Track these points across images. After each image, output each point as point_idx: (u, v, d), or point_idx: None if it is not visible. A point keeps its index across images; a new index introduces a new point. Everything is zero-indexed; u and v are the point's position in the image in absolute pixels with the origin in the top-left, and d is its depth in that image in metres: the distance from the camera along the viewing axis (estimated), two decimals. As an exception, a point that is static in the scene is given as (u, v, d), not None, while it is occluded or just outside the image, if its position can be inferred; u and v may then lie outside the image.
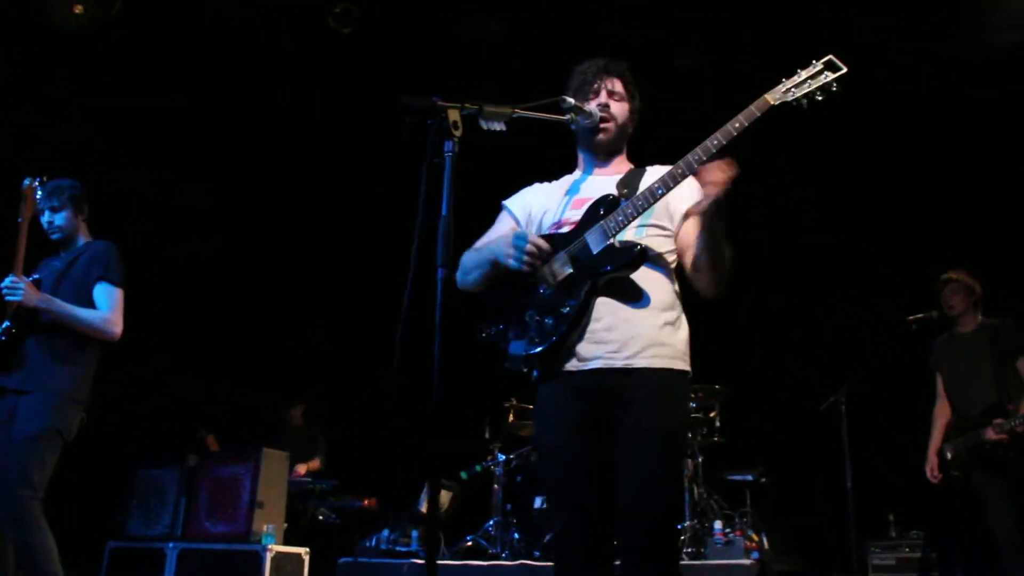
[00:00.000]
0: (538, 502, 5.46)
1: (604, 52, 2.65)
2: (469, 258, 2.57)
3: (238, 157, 6.73)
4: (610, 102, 2.56)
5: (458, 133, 1.93)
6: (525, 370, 2.43)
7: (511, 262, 2.37)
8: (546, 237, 2.46)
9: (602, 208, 2.41)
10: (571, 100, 2.42)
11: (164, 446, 5.86)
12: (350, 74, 6.29)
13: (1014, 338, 4.65)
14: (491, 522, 5.57)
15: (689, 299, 2.50)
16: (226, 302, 7.08)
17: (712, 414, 5.65)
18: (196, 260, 7.01)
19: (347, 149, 6.66)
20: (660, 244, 2.46)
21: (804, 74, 2.26)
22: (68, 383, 3.48)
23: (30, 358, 3.47)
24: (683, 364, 2.40)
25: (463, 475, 5.86)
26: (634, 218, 2.33)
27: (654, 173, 2.48)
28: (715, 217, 2.29)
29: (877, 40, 5.38)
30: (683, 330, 2.46)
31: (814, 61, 2.27)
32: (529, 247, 2.35)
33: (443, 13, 5.83)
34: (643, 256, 2.33)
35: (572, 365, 2.35)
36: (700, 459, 5.63)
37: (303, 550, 5.30)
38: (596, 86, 2.56)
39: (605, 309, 2.35)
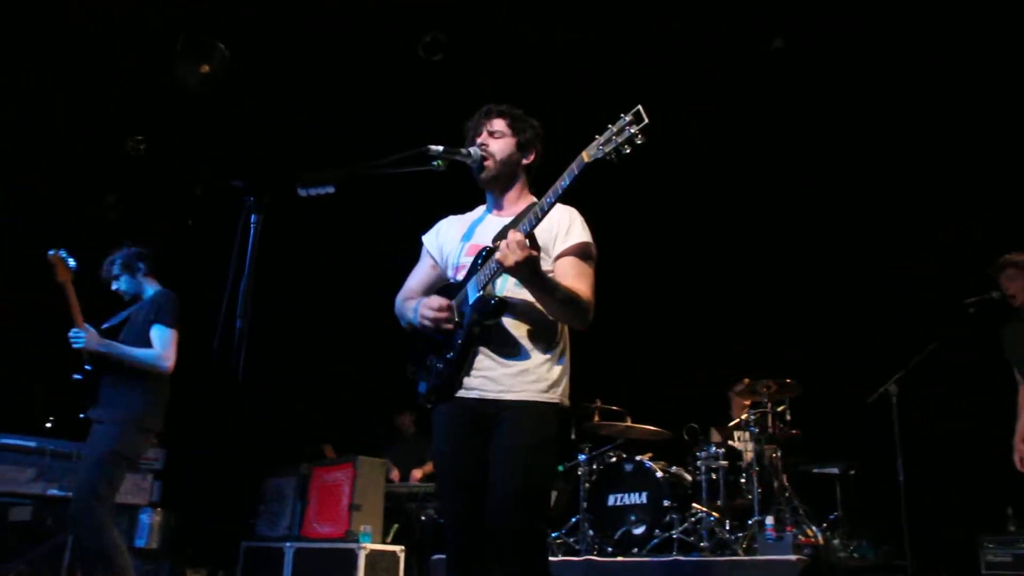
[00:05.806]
0: (611, 500, 5.63)
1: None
2: (399, 306, 2.89)
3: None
4: (489, 141, 2.76)
5: (264, 209, 2.23)
6: (429, 406, 2.74)
7: (426, 324, 2.68)
8: (448, 288, 2.76)
9: (480, 259, 2.65)
10: (437, 148, 2.63)
11: (288, 456, 6.61)
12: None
13: None
14: (574, 519, 5.80)
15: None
16: (338, 315, 7.74)
17: (781, 408, 5.53)
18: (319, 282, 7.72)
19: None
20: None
21: (613, 128, 2.27)
22: (133, 413, 4.10)
23: (104, 393, 4.16)
24: (553, 397, 2.61)
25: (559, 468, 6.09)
26: (499, 271, 2.51)
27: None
28: (527, 281, 2.48)
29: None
30: (558, 366, 2.65)
31: (622, 115, 2.25)
32: (433, 315, 2.63)
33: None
34: (501, 308, 2.55)
35: (460, 393, 2.63)
36: (779, 452, 5.52)
37: (398, 548, 5.80)
38: (479, 130, 2.79)
39: (483, 353, 2.61)
